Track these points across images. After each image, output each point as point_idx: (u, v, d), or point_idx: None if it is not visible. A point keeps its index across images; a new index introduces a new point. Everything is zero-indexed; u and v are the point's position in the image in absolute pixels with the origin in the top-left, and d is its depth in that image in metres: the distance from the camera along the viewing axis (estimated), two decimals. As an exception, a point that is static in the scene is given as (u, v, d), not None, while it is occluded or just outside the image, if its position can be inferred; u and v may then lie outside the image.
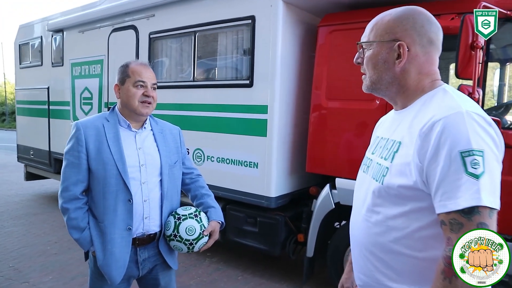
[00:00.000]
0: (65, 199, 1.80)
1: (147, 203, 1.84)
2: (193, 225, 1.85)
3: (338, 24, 3.36)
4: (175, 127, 2.11)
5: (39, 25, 6.65)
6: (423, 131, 1.01)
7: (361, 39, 1.22)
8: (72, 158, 1.79)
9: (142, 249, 1.88)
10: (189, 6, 4.09)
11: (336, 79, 3.37)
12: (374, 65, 1.18)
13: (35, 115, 6.75)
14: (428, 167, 0.99)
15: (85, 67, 5.59)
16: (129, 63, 1.88)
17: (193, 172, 2.15)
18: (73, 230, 1.81)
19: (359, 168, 3.37)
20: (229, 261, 4.33)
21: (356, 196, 1.31)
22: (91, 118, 1.88)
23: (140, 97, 1.81)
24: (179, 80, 4.34)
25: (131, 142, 1.86)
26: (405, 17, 1.13)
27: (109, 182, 1.77)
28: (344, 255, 3.37)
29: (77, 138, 1.79)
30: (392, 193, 1.09)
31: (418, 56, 1.13)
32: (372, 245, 1.16)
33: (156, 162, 1.89)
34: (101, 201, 1.79)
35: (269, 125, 3.50)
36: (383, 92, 1.21)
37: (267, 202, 3.57)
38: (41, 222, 5.60)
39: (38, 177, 7.11)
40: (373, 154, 1.26)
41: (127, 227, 1.79)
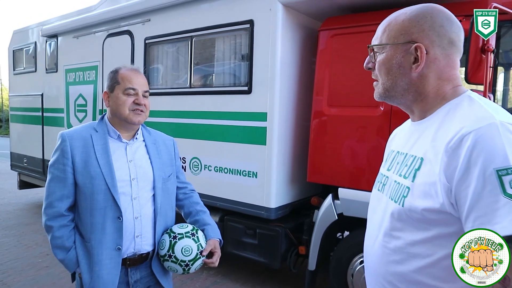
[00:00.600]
0: (49, 216, 1.66)
1: (138, 220, 1.70)
2: (189, 245, 1.70)
3: (339, 28, 3.24)
4: (169, 138, 1.97)
5: (33, 31, 6.53)
6: (450, 146, 0.88)
7: (372, 42, 1.09)
8: (57, 171, 1.66)
9: (134, 270, 1.74)
10: (186, 10, 3.97)
11: (338, 85, 3.24)
12: (387, 70, 1.05)
13: (29, 122, 6.61)
14: (458, 187, 0.85)
15: (79, 73, 5.46)
16: (119, 68, 1.74)
17: (187, 186, 2.01)
18: (58, 250, 1.67)
19: (362, 178, 3.24)
20: (227, 274, 4.18)
21: (370, 218, 1.17)
22: (78, 128, 1.74)
23: (131, 105, 1.68)
24: (175, 87, 4.21)
25: (121, 154, 1.72)
26: (422, 16, 1.00)
27: (96, 198, 1.63)
28: (347, 268, 3.23)
29: (62, 150, 1.65)
30: (414, 217, 0.95)
31: (437, 60, 1.00)
32: (391, 274, 1.02)
33: (148, 175, 1.75)
34: (88, 219, 1.65)
35: (269, 133, 3.37)
36: (398, 100, 1.08)
37: (266, 213, 3.43)
38: (33, 232, 5.44)
39: (31, 185, 6.96)
40: (389, 171, 1.12)
41: (117, 247, 1.65)
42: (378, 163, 3.02)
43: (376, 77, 1.10)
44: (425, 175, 0.94)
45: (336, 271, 3.31)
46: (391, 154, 1.17)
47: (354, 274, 3.15)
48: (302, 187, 3.72)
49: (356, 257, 3.17)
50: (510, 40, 3.03)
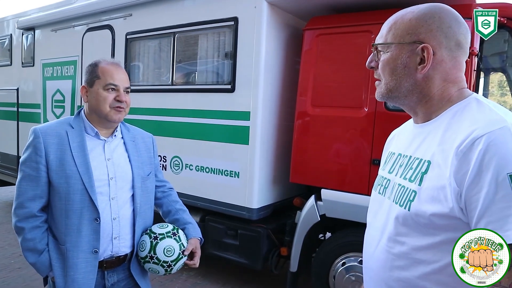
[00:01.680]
0: (19, 217, 1.57)
1: (116, 222, 1.63)
2: (171, 245, 1.65)
3: (324, 27, 3.22)
4: (148, 135, 1.89)
5: (8, 22, 6.30)
6: (460, 150, 0.85)
7: (376, 40, 1.06)
8: (29, 170, 1.56)
9: (111, 273, 1.66)
10: (169, 6, 3.88)
11: (322, 85, 3.22)
12: (392, 70, 1.01)
13: (3, 117, 6.37)
14: (468, 192, 0.83)
15: (57, 68, 5.28)
16: (99, 62, 1.65)
17: (165, 185, 1.95)
18: (29, 253, 1.58)
19: (345, 179, 3.23)
20: (207, 275, 4.11)
21: (371, 222, 1.14)
22: (52, 124, 1.65)
23: (112, 102, 1.59)
24: (157, 84, 4.12)
25: (99, 152, 1.64)
26: (430, 16, 0.97)
27: (72, 199, 1.55)
28: (329, 269, 3.21)
29: (35, 147, 1.56)
30: (421, 222, 0.92)
31: (444, 62, 0.97)
32: (394, 280, 0.99)
33: (127, 174, 1.68)
34: (63, 220, 1.56)
35: (252, 133, 3.32)
36: (401, 101, 1.05)
37: (248, 213, 3.38)
38: (5, 232, 5.24)
39: (5, 183, 6.70)
40: (391, 174, 1.09)
41: (93, 250, 1.57)
42: (362, 164, 3.03)
43: (378, 77, 1.07)
44: (433, 179, 0.91)
45: (318, 273, 3.29)
46: (392, 156, 1.14)
47: (336, 276, 3.13)
48: (285, 188, 3.68)
49: (338, 258, 3.15)
50: (493, 44, 3.07)
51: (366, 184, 2.96)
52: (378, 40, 1.06)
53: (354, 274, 3.04)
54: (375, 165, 2.93)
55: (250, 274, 4.19)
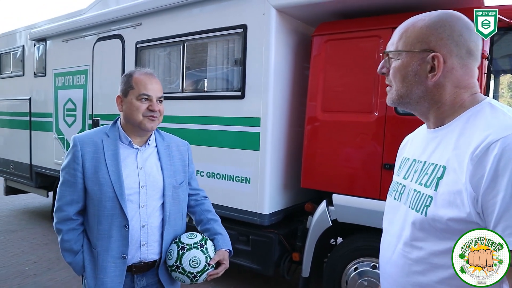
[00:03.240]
0: (58, 219, 1.67)
1: (145, 229, 1.66)
2: (197, 256, 1.66)
3: (333, 33, 3.24)
4: (184, 142, 1.92)
5: (21, 34, 6.43)
6: (475, 155, 0.85)
7: (387, 47, 1.07)
8: (67, 176, 1.65)
9: (140, 277, 1.70)
10: (178, 14, 3.94)
11: (332, 90, 3.23)
12: (402, 77, 1.02)
13: (16, 127, 6.48)
14: (485, 197, 0.83)
15: (68, 77, 5.37)
16: (133, 72, 1.70)
17: (199, 193, 1.97)
18: (66, 253, 1.68)
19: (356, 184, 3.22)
20: (219, 281, 4.11)
21: (387, 228, 1.14)
22: (90, 132, 1.72)
23: (145, 111, 1.63)
24: (167, 92, 4.15)
25: (131, 161, 1.68)
26: (440, 24, 0.98)
27: (104, 205, 1.61)
28: (342, 275, 3.20)
29: (74, 155, 1.64)
30: (438, 227, 0.92)
31: (454, 69, 0.98)
32: (412, 285, 0.99)
33: (158, 183, 1.71)
34: (95, 225, 1.64)
35: (262, 139, 3.34)
36: (413, 107, 1.06)
37: (260, 219, 3.39)
38: (20, 239, 5.30)
39: (18, 191, 6.81)
40: (406, 179, 1.09)
41: (122, 255, 1.63)
42: (373, 168, 3.03)
43: (389, 82, 1.08)
44: (449, 184, 0.91)
45: (330, 278, 3.28)
46: (406, 162, 1.14)
47: (349, 281, 3.12)
48: (296, 193, 3.69)
49: (350, 263, 3.14)
50: (503, 46, 3.06)
51: (378, 188, 2.96)
52: (389, 47, 1.07)
53: (366, 279, 3.03)
54: (386, 170, 2.92)
55: (262, 279, 4.19)
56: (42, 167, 5.73)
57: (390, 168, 2.89)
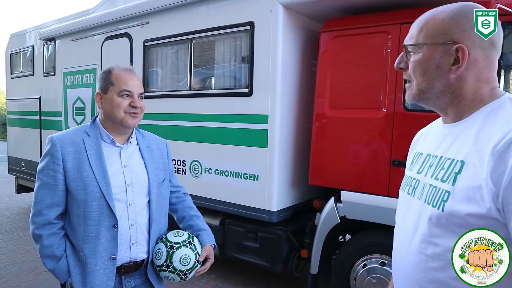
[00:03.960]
0: (37, 224, 1.57)
1: (134, 228, 1.64)
2: (187, 254, 1.66)
3: (340, 29, 3.22)
4: (163, 141, 1.90)
5: (30, 34, 6.50)
6: (497, 150, 0.84)
7: (406, 41, 1.05)
8: (46, 178, 1.57)
9: (128, 278, 1.67)
10: (185, 12, 3.95)
11: (340, 87, 3.22)
12: (424, 71, 1.00)
13: (27, 125, 6.56)
14: (506, 193, 0.81)
15: (77, 76, 5.42)
16: (112, 68, 1.65)
17: (179, 190, 1.97)
18: (47, 260, 1.58)
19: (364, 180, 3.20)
20: (228, 278, 4.14)
21: (400, 223, 1.12)
22: (68, 132, 1.65)
23: (127, 107, 1.60)
24: (175, 89, 4.18)
25: (115, 159, 1.65)
26: (463, 15, 0.96)
27: (90, 206, 1.55)
28: (350, 272, 3.20)
29: (53, 155, 1.56)
30: (456, 222, 0.90)
31: (477, 61, 0.95)
32: (428, 281, 0.97)
33: (143, 181, 1.69)
34: (81, 227, 1.57)
35: (270, 136, 3.34)
36: (433, 102, 1.04)
37: (268, 216, 3.40)
38: (31, 237, 5.36)
39: (29, 189, 6.89)
40: (420, 174, 1.07)
41: (111, 257, 1.58)
42: (381, 165, 3.01)
43: (408, 78, 1.06)
44: (468, 179, 0.90)
45: (338, 275, 3.28)
46: (420, 156, 1.13)
47: (357, 278, 3.12)
48: (304, 190, 3.69)
49: (359, 260, 3.14)
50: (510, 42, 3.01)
51: (386, 185, 2.95)
52: (408, 41, 1.04)
53: (375, 276, 3.02)
54: (395, 166, 2.91)
55: (270, 276, 4.20)
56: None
57: (398, 165, 2.87)
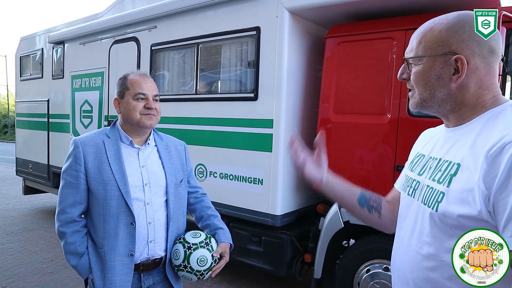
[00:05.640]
0: (61, 222, 1.67)
1: (151, 226, 1.70)
2: (204, 255, 1.70)
3: (346, 35, 3.24)
4: (181, 142, 1.97)
5: (40, 37, 6.58)
6: (490, 154, 0.85)
7: (407, 54, 1.07)
8: (69, 178, 1.67)
9: (147, 275, 1.74)
10: (192, 17, 3.99)
11: (345, 92, 3.24)
12: (425, 82, 1.02)
13: (35, 128, 6.64)
14: (497, 196, 0.83)
15: (85, 79, 5.49)
16: (128, 74, 1.75)
17: (198, 191, 2.01)
18: (71, 256, 1.68)
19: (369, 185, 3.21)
20: (232, 282, 4.15)
21: (401, 223, 1.15)
22: (90, 134, 1.75)
23: (142, 109, 1.69)
24: (181, 93, 4.22)
25: (133, 159, 1.73)
26: (460, 25, 0.97)
27: (109, 204, 1.64)
28: (354, 276, 3.20)
29: (75, 156, 1.66)
30: (449, 223, 0.93)
31: (478, 69, 0.97)
32: (422, 280, 1.00)
33: (161, 181, 1.75)
34: (101, 225, 1.66)
35: (275, 140, 3.36)
36: (435, 109, 1.06)
37: (272, 220, 3.41)
38: (38, 238, 5.44)
39: (36, 191, 6.98)
40: (421, 176, 1.09)
41: (129, 253, 1.65)
42: (386, 170, 3.02)
43: (411, 87, 1.08)
44: (462, 181, 0.92)
45: (342, 280, 3.28)
46: (421, 158, 1.15)
47: (361, 283, 3.11)
48: (308, 194, 3.70)
49: (363, 265, 3.14)
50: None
51: (390, 190, 2.94)
52: (408, 54, 1.06)
53: (378, 281, 3.02)
54: (399, 172, 2.90)
55: (274, 280, 4.20)
56: (59, 167, 5.84)
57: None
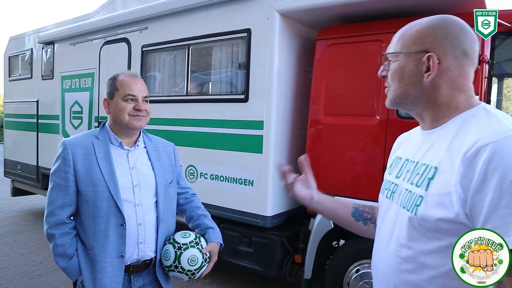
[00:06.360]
0: (50, 224, 1.66)
1: (142, 227, 1.70)
2: (195, 254, 1.71)
3: (336, 37, 3.28)
4: (170, 144, 1.97)
5: (29, 37, 6.53)
6: (467, 157, 0.87)
7: (387, 50, 1.10)
8: (58, 179, 1.66)
9: (137, 277, 1.73)
10: (183, 18, 3.99)
11: (335, 94, 3.27)
12: (400, 78, 1.06)
13: (24, 129, 6.57)
14: (473, 198, 0.85)
15: (75, 80, 5.45)
16: (117, 75, 1.75)
17: (187, 191, 2.01)
18: (60, 258, 1.66)
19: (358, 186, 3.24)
20: (223, 283, 4.15)
21: (380, 226, 1.17)
22: (80, 136, 1.74)
23: (131, 111, 1.68)
24: (172, 94, 4.22)
25: (123, 161, 1.72)
26: (436, 27, 1.01)
27: (99, 205, 1.63)
28: (343, 276, 3.22)
29: (64, 158, 1.65)
30: (427, 226, 0.94)
31: (450, 70, 1.00)
32: (402, 283, 1.01)
33: (150, 182, 1.75)
34: (91, 226, 1.65)
35: (265, 141, 3.38)
36: (409, 107, 1.09)
37: (262, 221, 3.43)
38: (26, 240, 5.37)
39: (25, 192, 6.90)
40: (398, 178, 1.12)
41: (119, 254, 1.65)
42: (375, 171, 3.05)
43: (388, 85, 1.11)
44: (440, 185, 0.93)
45: (332, 280, 3.30)
46: (399, 161, 1.17)
47: (350, 283, 3.14)
48: (298, 196, 3.71)
49: (352, 265, 3.16)
50: (504, 51, 3.07)
51: (379, 191, 2.98)
52: (388, 50, 1.10)
53: (368, 281, 3.04)
54: (388, 172, 2.94)
55: (264, 281, 4.21)
56: (48, 168, 5.79)
57: (391, 171, 2.91)
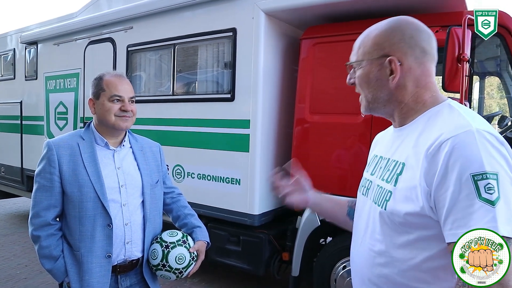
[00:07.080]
0: (35, 226, 1.64)
1: (128, 227, 1.70)
2: (182, 253, 1.72)
3: (321, 36, 3.31)
4: (155, 144, 1.97)
5: (12, 37, 6.42)
6: (429, 152, 0.91)
7: (350, 59, 1.14)
8: (43, 180, 1.64)
9: (124, 277, 1.73)
10: (168, 18, 3.98)
11: (320, 93, 3.29)
12: (367, 84, 1.09)
13: (7, 130, 6.46)
14: (436, 192, 0.89)
15: (60, 80, 5.38)
16: (103, 75, 1.74)
17: (174, 191, 2.02)
18: (45, 260, 1.65)
19: (344, 184, 3.28)
20: (211, 282, 4.15)
21: (356, 222, 1.20)
22: (65, 136, 1.73)
23: (117, 111, 1.68)
24: (158, 94, 4.20)
25: (109, 161, 1.72)
26: (391, 30, 1.05)
27: (85, 206, 1.62)
28: (330, 273, 3.26)
29: (49, 159, 1.64)
30: (396, 220, 0.98)
31: (412, 69, 1.04)
32: (376, 276, 1.05)
33: (137, 182, 1.75)
34: (77, 227, 1.64)
35: (252, 140, 3.39)
36: (382, 110, 1.12)
37: (250, 220, 3.44)
38: (11, 243, 5.30)
39: (9, 195, 6.77)
40: (373, 175, 1.15)
41: (106, 255, 1.64)
42: (360, 169, 3.07)
43: (359, 91, 1.14)
44: (406, 180, 0.97)
45: (319, 277, 3.33)
46: (374, 159, 1.20)
47: (337, 279, 3.18)
48: (285, 194, 3.73)
49: (339, 262, 3.20)
50: (484, 50, 3.14)
51: (365, 188, 3.02)
52: (351, 59, 1.13)
53: (355, 277, 3.08)
54: (373, 170, 2.98)
55: (252, 279, 4.23)
56: (33, 170, 5.68)
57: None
